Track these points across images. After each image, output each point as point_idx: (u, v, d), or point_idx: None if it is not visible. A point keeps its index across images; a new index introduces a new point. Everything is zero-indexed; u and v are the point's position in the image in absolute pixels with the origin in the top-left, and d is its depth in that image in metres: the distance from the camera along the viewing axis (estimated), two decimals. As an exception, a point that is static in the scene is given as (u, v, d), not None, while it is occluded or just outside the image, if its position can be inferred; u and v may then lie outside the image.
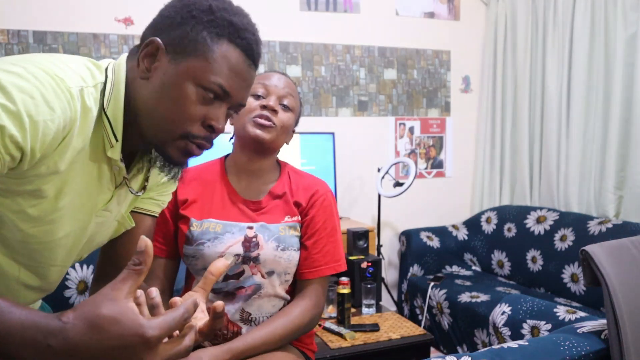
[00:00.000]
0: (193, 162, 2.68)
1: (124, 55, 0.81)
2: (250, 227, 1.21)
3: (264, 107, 1.20)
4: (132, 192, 0.87)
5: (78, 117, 0.69)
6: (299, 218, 1.26)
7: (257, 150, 1.23)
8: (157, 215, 1.02)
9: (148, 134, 0.78)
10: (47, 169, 0.69)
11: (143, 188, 0.90)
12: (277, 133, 1.21)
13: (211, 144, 0.82)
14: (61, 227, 0.78)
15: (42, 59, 0.69)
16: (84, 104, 0.71)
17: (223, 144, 1.33)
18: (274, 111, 1.20)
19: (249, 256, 1.19)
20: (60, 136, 0.67)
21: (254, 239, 1.20)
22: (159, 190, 0.99)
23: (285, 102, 1.23)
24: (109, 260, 0.97)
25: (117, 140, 0.76)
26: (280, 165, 1.33)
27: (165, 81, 0.75)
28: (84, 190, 0.78)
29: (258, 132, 1.18)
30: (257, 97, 1.22)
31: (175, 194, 1.25)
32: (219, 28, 0.76)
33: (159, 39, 0.76)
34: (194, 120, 0.77)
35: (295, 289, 1.29)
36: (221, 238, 1.19)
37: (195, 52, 0.75)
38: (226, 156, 1.33)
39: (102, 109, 0.75)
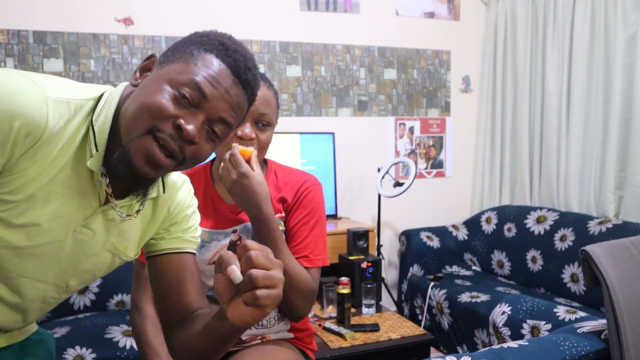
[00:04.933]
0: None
1: (126, 82, 0.83)
2: (234, 231, 1.20)
3: (239, 137, 1.15)
4: (116, 211, 0.82)
5: (50, 124, 0.69)
6: (283, 214, 1.24)
7: None
8: (194, 251, 0.98)
9: (122, 137, 0.75)
10: (16, 175, 0.70)
11: (137, 212, 0.86)
12: (257, 156, 1.18)
13: (182, 152, 0.76)
14: (36, 234, 0.76)
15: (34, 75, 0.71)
16: (65, 111, 0.71)
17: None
18: (250, 139, 1.16)
19: None
20: (22, 142, 0.67)
21: (238, 242, 1.19)
22: (180, 227, 0.95)
23: (262, 122, 1.18)
24: (163, 303, 0.94)
25: (97, 151, 0.75)
26: (266, 164, 1.31)
27: (147, 84, 0.77)
28: (63, 200, 0.76)
29: None
30: None
31: None
32: (208, 45, 0.79)
33: (157, 55, 0.80)
34: (164, 116, 0.74)
35: None
36: (208, 246, 1.19)
37: (179, 60, 0.77)
38: (212, 161, 1.31)
39: (90, 122, 0.75)
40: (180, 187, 0.96)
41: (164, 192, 0.90)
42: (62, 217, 0.78)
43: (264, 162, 1.31)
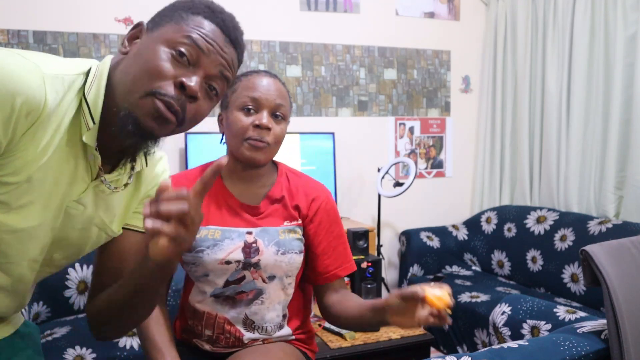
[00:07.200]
0: (190, 164, 2.62)
1: (111, 55, 0.84)
2: (250, 233, 1.20)
3: (256, 126, 1.15)
4: (105, 184, 0.83)
5: (49, 102, 0.69)
6: (300, 222, 1.24)
7: (252, 167, 1.21)
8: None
9: (120, 102, 0.75)
10: (17, 156, 0.69)
11: (125, 185, 0.88)
12: (272, 149, 1.18)
13: (183, 111, 0.77)
14: (32, 214, 0.75)
15: (22, 52, 0.71)
16: (60, 87, 0.71)
17: (216, 146, 1.31)
18: (267, 129, 1.16)
19: (249, 262, 1.18)
20: (24, 121, 0.67)
21: (253, 245, 1.19)
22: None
23: (278, 113, 1.18)
24: (101, 276, 0.94)
25: (94, 124, 0.75)
26: (277, 166, 1.31)
27: (140, 49, 0.78)
28: (57, 177, 0.76)
29: (253, 155, 1.15)
30: (248, 111, 1.16)
31: None
32: (194, 8, 0.81)
33: (144, 22, 0.82)
34: (164, 78, 0.75)
35: (302, 293, 1.31)
36: (220, 245, 1.17)
37: (170, 22, 0.79)
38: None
39: (82, 95, 0.75)
40: (158, 161, 0.97)
41: (146, 165, 0.91)
42: (58, 195, 0.78)
43: (274, 165, 1.30)
